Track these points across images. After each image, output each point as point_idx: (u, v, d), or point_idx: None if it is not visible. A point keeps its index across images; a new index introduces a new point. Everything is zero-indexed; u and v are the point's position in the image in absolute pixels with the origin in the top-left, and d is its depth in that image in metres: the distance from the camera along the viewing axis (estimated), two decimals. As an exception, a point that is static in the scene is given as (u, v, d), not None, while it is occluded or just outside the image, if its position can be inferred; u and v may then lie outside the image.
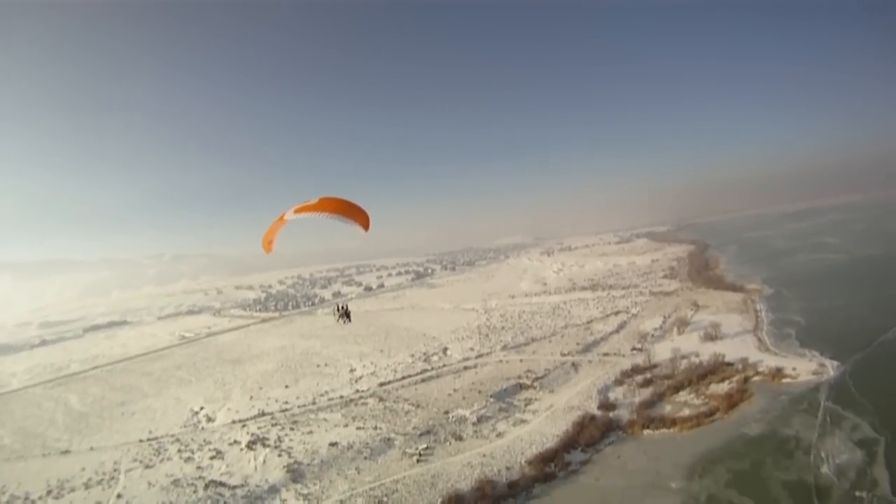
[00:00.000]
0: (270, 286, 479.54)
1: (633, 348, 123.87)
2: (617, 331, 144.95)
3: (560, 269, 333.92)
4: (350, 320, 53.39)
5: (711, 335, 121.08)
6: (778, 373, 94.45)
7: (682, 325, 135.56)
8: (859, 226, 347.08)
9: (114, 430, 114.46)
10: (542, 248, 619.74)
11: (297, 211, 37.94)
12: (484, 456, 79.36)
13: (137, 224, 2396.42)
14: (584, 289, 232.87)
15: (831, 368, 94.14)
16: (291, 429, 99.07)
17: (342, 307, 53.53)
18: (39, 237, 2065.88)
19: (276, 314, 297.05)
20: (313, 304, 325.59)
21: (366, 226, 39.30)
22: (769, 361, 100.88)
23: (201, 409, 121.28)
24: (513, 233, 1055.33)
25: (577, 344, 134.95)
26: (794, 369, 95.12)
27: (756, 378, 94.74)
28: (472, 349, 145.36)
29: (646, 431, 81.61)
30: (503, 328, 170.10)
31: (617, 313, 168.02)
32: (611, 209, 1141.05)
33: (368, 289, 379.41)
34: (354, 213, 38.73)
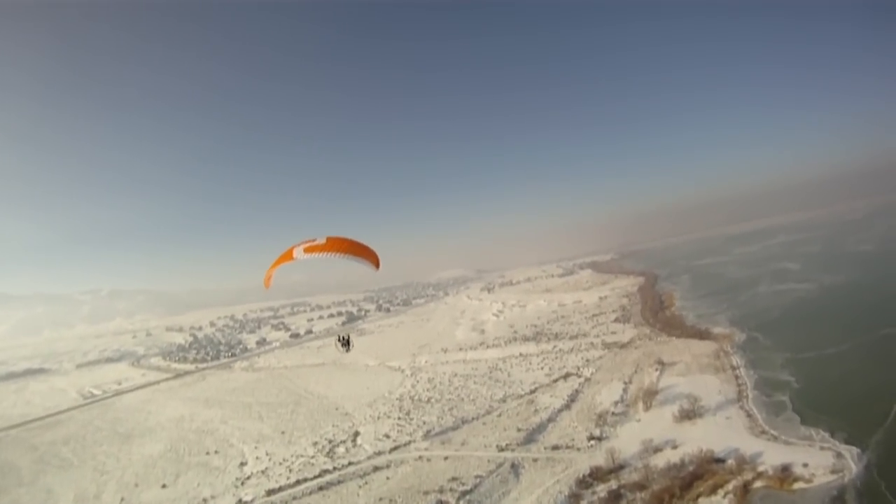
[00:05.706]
0: (201, 328, 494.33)
1: (591, 437, 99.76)
2: (568, 405, 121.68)
3: (500, 311, 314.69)
4: (350, 349, 59.55)
5: (688, 412, 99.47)
6: (786, 475, 73.45)
7: (649, 395, 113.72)
8: (814, 248, 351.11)
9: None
10: (483, 282, 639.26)
11: (307, 251, 40.28)
12: None
13: (75, 257, 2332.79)
14: (526, 339, 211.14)
15: (852, 460, 75.45)
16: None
17: (344, 337, 58.65)
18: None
19: (193, 367, 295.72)
20: (234, 354, 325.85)
21: (377, 264, 43.14)
22: (770, 454, 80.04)
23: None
24: (454, 265, 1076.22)
25: (519, 429, 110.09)
26: (805, 466, 74.94)
27: (758, 484, 73.21)
28: (387, 436, 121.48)
29: None
30: (429, 400, 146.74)
31: (566, 377, 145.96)
32: (553, 237, 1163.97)
33: (295, 335, 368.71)
34: (365, 253, 42.14)
